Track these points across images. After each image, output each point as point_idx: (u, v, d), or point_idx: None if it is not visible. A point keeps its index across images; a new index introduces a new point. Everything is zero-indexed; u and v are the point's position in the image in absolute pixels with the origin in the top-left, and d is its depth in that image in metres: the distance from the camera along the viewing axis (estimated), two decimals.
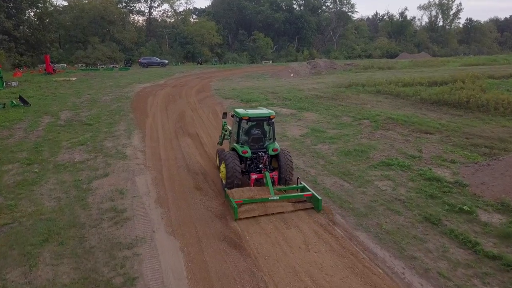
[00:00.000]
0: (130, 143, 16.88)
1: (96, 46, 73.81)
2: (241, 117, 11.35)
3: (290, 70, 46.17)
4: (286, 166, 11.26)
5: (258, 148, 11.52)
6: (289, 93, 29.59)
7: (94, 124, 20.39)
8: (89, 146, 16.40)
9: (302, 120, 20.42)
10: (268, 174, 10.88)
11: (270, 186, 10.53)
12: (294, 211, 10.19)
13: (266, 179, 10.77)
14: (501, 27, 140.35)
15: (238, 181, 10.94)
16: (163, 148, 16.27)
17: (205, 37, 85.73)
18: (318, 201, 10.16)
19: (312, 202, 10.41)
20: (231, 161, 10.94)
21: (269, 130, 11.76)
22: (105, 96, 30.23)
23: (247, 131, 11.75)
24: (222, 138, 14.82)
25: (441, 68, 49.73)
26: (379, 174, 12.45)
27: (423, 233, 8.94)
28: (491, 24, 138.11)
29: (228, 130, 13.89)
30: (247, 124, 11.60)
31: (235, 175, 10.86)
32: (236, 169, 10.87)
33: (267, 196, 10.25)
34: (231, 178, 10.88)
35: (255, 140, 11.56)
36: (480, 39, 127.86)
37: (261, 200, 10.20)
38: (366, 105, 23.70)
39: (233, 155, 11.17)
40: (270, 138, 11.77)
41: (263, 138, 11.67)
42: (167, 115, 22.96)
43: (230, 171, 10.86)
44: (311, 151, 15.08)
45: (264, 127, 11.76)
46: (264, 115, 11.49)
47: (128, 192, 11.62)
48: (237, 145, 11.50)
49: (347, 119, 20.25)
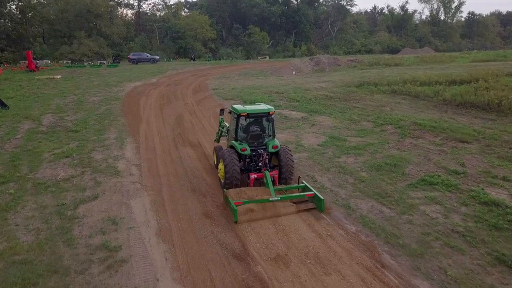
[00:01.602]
0: (122, 154, 15.05)
1: (82, 41, 71.39)
2: (240, 114, 11.20)
3: (292, 67, 44.44)
4: (286, 165, 11.12)
5: (257, 146, 11.43)
6: (296, 93, 27.84)
7: (80, 131, 18.53)
8: (75, 159, 14.56)
9: (317, 126, 18.69)
10: (268, 173, 10.74)
11: (270, 186, 10.42)
12: (297, 212, 10.04)
13: (266, 178, 10.65)
14: (503, 21, 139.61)
15: (237, 180, 10.83)
16: (161, 161, 14.46)
17: (198, 31, 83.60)
18: (320, 201, 10.05)
19: (314, 202, 10.30)
20: (230, 160, 10.79)
21: (269, 127, 11.64)
22: (93, 97, 28.30)
23: (245, 128, 11.57)
24: (219, 135, 14.49)
25: (451, 64, 48.28)
26: (422, 196, 10.76)
27: (501, 282, 7.27)
28: (494, 18, 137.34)
29: (226, 127, 13.69)
30: (246, 120, 11.47)
31: (234, 174, 10.72)
32: (235, 168, 10.73)
33: (268, 197, 10.11)
34: (230, 178, 10.74)
35: (254, 137, 11.45)
36: (483, 33, 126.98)
37: (261, 201, 10.03)
38: (384, 107, 22.04)
39: (232, 153, 11.01)
40: (269, 135, 11.65)
41: (262, 135, 11.57)
42: (163, 120, 21.13)
43: (229, 170, 10.72)
44: (335, 165, 13.36)
45: (263, 123, 11.64)
46: (263, 111, 11.35)
47: (123, 221, 9.83)
48: (236, 142, 11.37)
49: (367, 124, 18.56)
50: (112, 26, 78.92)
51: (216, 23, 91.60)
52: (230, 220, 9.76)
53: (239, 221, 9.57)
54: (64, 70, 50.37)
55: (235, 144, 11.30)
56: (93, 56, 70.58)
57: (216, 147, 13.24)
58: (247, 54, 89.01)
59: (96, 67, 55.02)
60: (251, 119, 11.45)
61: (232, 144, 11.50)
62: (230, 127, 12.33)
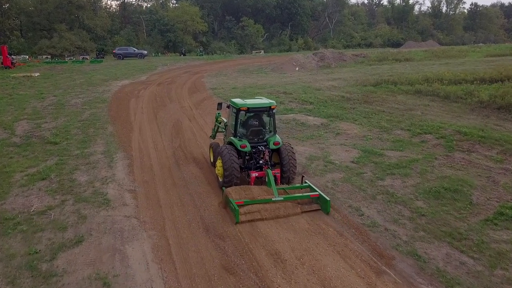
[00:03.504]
0: (112, 176, 12.67)
1: (63, 34, 68.79)
2: (239, 108, 10.90)
3: (294, 62, 42.13)
4: (289, 163, 10.90)
5: (258, 142, 11.20)
6: (306, 93, 25.56)
7: (60, 143, 16.11)
8: (54, 182, 12.17)
9: (342, 135, 16.45)
10: (270, 172, 10.45)
11: (273, 185, 10.17)
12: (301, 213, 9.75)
13: (268, 177, 10.38)
14: (506, 13, 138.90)
15: (237, 178, 10.64)
16: (161, 184, 12.10)
17: (188, 24, 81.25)
18: (326, 203, 9.82)
19: (319, 203, 10.04)
20: (229, 157, 10.55)
21: (270, 122, 11.42)
22: (75, 98, 25.79)
23: (245, 123, 11.34)
24: (216, 131, 14.25)
25: (466, 59, 46.45)
26: (509, 239, 8.57)
27: None
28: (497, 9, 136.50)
29: (223, 122, 13.37)
30: (245, 115, 11.20)
31: (233, 172, 10.52)
32: (234, 165, 10.54)
33: (270, 197, 9.89)
34: (229, 176, 10.52)
35: (254, 133, 11.24)
36: (487, 26, 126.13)
37: (264, 201, 9.80)
38: (414, 111, 19.87)
39: (231, 149, 10.78)
40: (270, 131, 11.43)
41: (263, 131, 11.36)
42: (158, 127, 18.74)
43: (227, 167, 10.50)
44: (380, 190, 11.12)
45: (264, 118, 11.44)
46: (264, 105, 11.15)
47: (117, 281, 7.51)
48: (235, 138, 11.10)
49: (402, 133, 16.36)
50: (96, 18, 76.51)
51: (207, 15, 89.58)
52: (262, 278, 7.50)
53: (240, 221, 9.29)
54: (43, 66, 47.44)
55: (234, 140, 11.02)
56: (75, 50, 68.19)
57: (212, 143, 13.13)
58: (240, 48, 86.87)
59: (79, 63, 52.25)
60: (251, 114, 11.18)
61: (231, 140, 11.20)
62: (228, 122, 12.10)
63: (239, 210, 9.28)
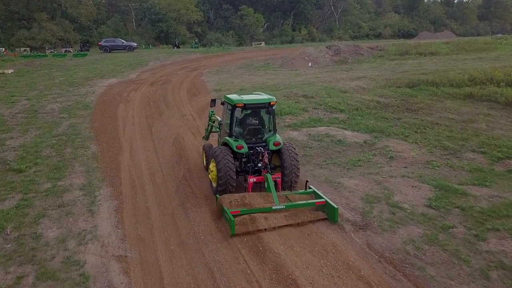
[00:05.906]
0: (94, 229, 9.40)
1: (43, 24, 65.39)
2: (235, 104, 10.40)
3: (307, 57, 38.72)
4: (291, 166, 10.33)
5: (256, 142, 10.78)
6: (331, 96, 22.22)
7: (27, 170, 12.88)
8: (9, 241, 8.93)
9: (398, 160, 13.18)
10: (270, 177, 9.86)
11: (273, 192, 9.55)
12: None
13: (268, 183, 9.80)
14: None
15: (233, 182, 10.10)
16: (164, 245, 8.81)
17: (182, 12, 77.93)
18: (334, 211, 9.21)
19: (326, 211, 9.46)
20: (223, 159, 10.01)
21: (269, 120, 11.05)
22: (52, 103, 22.49)
23: (241, 121, 10.99)
24: (209, 131, 13.81)
25: (498, 53, 43.47)
26: None
27: None
28: None
29: (217, 121, 12.93)
30: (242, 112, 10.83)
31: (228, 175, 9.95)
32: (229, 169, 9.98)
33: (270, 205, 9.28)
34: (224, 180, 9.94)
35: (252, 132, 10.84)
36: (502, 15, 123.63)
37: (263, 210, 9.17)
38: (475, 123, 16.69)
39: (225, 151, 10.24)
40: (270, 130, 11.07)
41: (261, 130, 10.98)
42: (155, 146, 15.45)
43: (222, 171, 9.92)
44: (489, 261, 7.85)
45: (263, 116, 11.06)
46: (262, 101, 10.71)
47: None
48: (230, 138, 10.62)
49: (476, 157, 13.15)
50: (80, 6, 73.31)
51: (202, 3, 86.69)
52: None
53: None
54: (19, 61, 43.89)
55: (230, 141, 10.56)
56: (56, 42, 65.05)
57: (205, 145, 12.69)
58: (239, 40, 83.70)
59: (60, 57, 48.74)
60: (248, 111, 10.82)
61: (226, 140, 10.72)
62: (223, 120, 11.77)
63: (234, 221, 8.67)
